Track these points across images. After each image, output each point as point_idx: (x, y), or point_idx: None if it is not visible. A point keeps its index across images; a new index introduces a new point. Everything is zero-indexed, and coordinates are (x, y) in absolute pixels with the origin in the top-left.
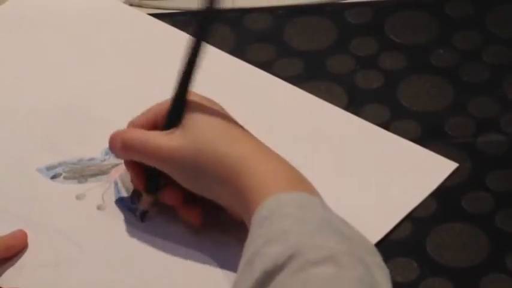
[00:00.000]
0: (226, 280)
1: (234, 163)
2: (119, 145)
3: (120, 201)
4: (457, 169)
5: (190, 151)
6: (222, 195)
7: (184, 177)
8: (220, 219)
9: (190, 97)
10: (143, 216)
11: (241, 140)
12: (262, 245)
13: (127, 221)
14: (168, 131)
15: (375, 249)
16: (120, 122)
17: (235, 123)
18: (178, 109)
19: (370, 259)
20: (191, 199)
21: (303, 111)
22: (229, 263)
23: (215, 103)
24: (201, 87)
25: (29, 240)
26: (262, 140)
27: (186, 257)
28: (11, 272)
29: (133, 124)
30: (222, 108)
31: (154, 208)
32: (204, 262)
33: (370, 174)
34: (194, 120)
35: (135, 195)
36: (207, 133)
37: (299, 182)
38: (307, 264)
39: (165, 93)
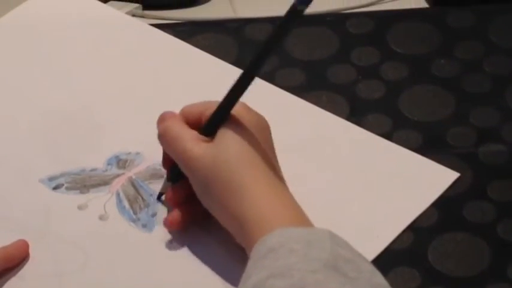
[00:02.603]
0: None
1: (238, 189)
2: (159, 131)
3: (122, 212)
4: (458, 179)
5: (209, 165)
6: (224, 217)
7: (198, 187)
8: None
9: (239, 109)
10: (159, 197)
11: (257, 169)
12: (267, 278)
13: (129, 232)
14: (201, 138)
15: (384, 284)
16: (122, 131)
17: (266, 150)
18: (217, 122)
19: None
20: (189, 206)
21: (305, 122)
22: (232, 273)
23: (261, 121)
24: (202, 97)
25: (31, 251)
26: None
27: (189, 266)
28: (12, 282)
29: (184, 111)
30: (264, 128)
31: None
32: (208, 273)
33: (372, 184)
34: (224, 136)
35: (137, 205)
36: (229, 153)
37: (303, 220)
38: None
39: (168, 103)
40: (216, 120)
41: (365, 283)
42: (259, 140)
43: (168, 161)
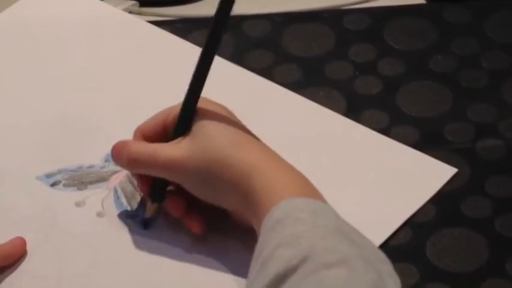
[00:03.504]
0: (228, 285)
1: (245, 169)
2: (125, 159)
3: (120, 208)
4: (456, 174)
5: (203, 159)
6: (232, 201)
7: (196, 186)
8: (224, 226)
9: (200, 103)
10: (146, 224)
11: (251, 147)
12: (275, 247)
13: (127, 228)
14: (176, 141)
15: (386, 258)
16: (119, 129)
17: (244, 129)
18: (188, 117)
19: (382, 267)
20: (194, 208)
21: (302, 118)
22: (231, 267)
23: (225, 108)
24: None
25: (29, 248)
26: None
27: (188, 263)
28: (10, 280)
29: (141, 131)
30: (232, 114)
31: (156, 215)
32: (206, 269)
33: (369, 180)
34: (203, 128)
35: (141, 204)
36: (217, 140)
37: (311, 190)
38: (320, 266)
39: (164, 100)
40: (186, 116)
41: (371, 252)
42: (236, 122)
43: (145, 184)
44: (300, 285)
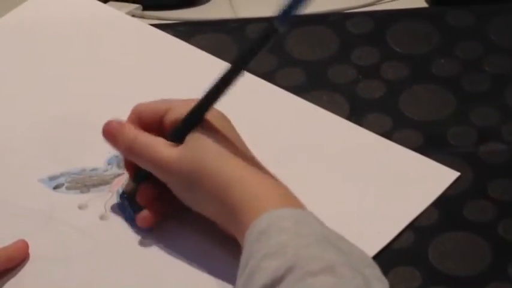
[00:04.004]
0: None
1: (228, 182)
2: (123, 145)
3: (123, 211)
4: (458, 178)
5: (188, 166)
6: (212, 210)
7: (179, 190)
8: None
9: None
10: (122, 195)
11: (239, 161)
12: (261, 259)
13: (129, 231)
14: (170, 143)
15: (373, 263)
16: None
17: (238, 144)
18: (190, 128)
19: (369, 272)
20: (159, 203)
21: (305, 121)
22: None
23: (227, 121)
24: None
25: (31, 251)
26: (264, 150)
27: (191, 266)
28: (12, 283)
29: (138, 113)
30: (231, 126)
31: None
32: (210, 273)
33: (372, 184)
34: (197, 137)
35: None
36: (207, 151)
37: (292, 200)
38: (306, 275)
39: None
40: (189, 126)
41: (358, 258)
42: (231, 135)
43: (131, 164)
44: None
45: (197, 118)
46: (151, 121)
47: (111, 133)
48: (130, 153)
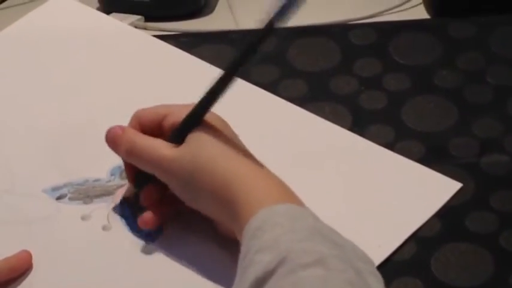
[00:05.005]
0: None
1: (227, 179)
2: (123, 148)
3: (126, 222)
4: (461, 189)
5: (188, 164)
6: (213, 209)
7: (180, 189)
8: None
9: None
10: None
11: (238, 159)
12: (254, 253)
13: (132, 242)
14: (170, 144)
15: (367, 257)
16: None
17: (237, 144)
18: (189, 129)
19: (362, 265)
20: (161, 204)
21: (307, 132)
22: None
23: (224, 123)
24: None
25: (34, 261)
26: (265, 160)
27: (192, 277)
28: None
29: (138, 118)
30: (226, 124)
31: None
32: (213, 282)
33: (374, 194)
34: (197, 137)
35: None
36: (206, 150)
37: (290, 197)
38: (297, 267)
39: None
40: (188, 126)
41: (350, 251)
42: (230, 135)
43: (132, 169)
44: (278, 286)
45: (196, 119)
46: (151, 125)
47: (112, 138)
48: (130, 156)
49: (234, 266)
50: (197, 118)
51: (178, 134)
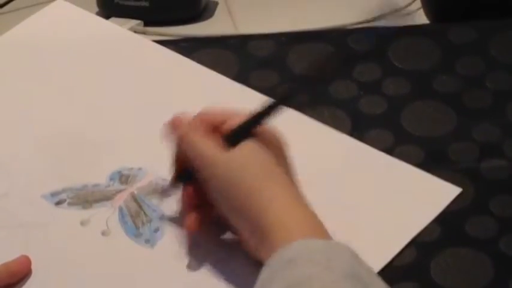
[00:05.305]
0: None
1: (262, 200)
2: (180, 132)
3: (125, 227)
4: (460, 194)
5: (233, 171)
6: (244, 226)
7: (218, 192)
8: (230, 247)
9: (260, 127)
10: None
11: (277, 181)
12: (286, 286)
13: (131, 247)
14: (223, 146)
15: None
16: (124, 147)
17: (284, 166)
18: (241, 136)
19: None
20: (202, 207)
21: (307, 137)
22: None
23: (280, 142)
24: None
25: (33, 266)
26: None
27: (192, 282)
28: None
29: (204, 114)
30: (283, 149)
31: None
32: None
33: (373, 199)
34: (247, 148)
35: (140, 220)
36: (253, 164)
37: (324, 231)
38: None
39: (168, 118)
40: (241, 133)
41: None
42: (280, 155)
43: (181, 159)
44: None
45: (249, 128)
46: (212, 125)
47: (174, 120)
48: (184, 141)
49: (235, 273)
50: (250, 127)
51: (229, 138)
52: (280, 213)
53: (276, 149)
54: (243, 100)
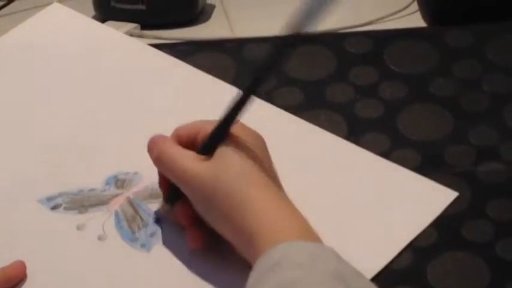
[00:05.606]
0: None
1: (245, 204)
2: (154, 155)
3: (121, 231)
4: (457, 198)
5: (209, 182)
6: (229, 232)
7: (200, 205)
8: (223, 251)
9: (235, 128)
10: (158, 219)
11: (260, 184)
12: None
13: (128, 251)
14: (199, 157)
15: None
16: (120, 151)
17: (263, 164)
18: (216, 140)
19: None
20: (200, 223)
21: (303, 141)
22: None
23: (257, 141)
24: (200, 116)
25: (29, 271)
26: None
27: (187, 286)
28: None
29: (177, 133)
30: (262, 145)
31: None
32: None
33: (370, 204)
34: (224, 154)
35: (136, 225)
36: (231, 169)
37: (310, 233)
38: None
39: (166, 122)
40: (215, 139)
41: None
42: (258, 155)
43: (165, 183)
44: None
45: (221, 132)
46: (188, 140)
47: (148, 144)
48: (158, 163)
49: (230, 278)
50: (222, 131)
51: (205, 147)
52: (263, 217)
53: (254, 147)
54: None
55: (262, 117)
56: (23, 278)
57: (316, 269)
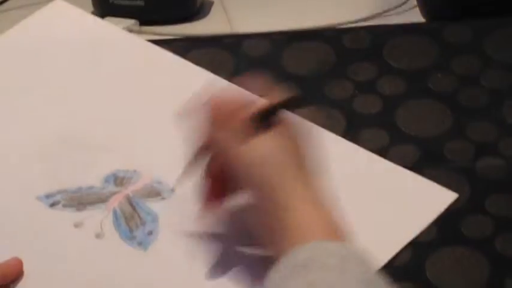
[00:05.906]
0: None
1: (282, 197)
2: (219, 138)
3: (119, 229)
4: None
5: (258, 162)
6: (259, 221)
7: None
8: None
9: (292, 121)
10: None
11: (298, 179)
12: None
13: (125, 250)
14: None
15: None
16: (120, 150)
17: (303, 161)
18: (269, 116)
19: None
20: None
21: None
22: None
23: (301, 136)
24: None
25: (26, 268)
26: None
27: (184, 284)
28: None
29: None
30: (304, 145)
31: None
32: None
33: (369, 204)
34: (266, 142)
35: (134, 223)
36: (272, 157)
37: (340, 233)
38: None
39: (165, 119)
40: (269, 113)
41: None
42: (300, 149)
43: (219, 182)
44: None
45: (273, 111)
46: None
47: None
48: (222, 146)
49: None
50: (275, 110)
51: (258, 115)
52: (298, 214)
53: (296, 144)
54: None
55: None
56: (19, 275)
57: (345, 270)
